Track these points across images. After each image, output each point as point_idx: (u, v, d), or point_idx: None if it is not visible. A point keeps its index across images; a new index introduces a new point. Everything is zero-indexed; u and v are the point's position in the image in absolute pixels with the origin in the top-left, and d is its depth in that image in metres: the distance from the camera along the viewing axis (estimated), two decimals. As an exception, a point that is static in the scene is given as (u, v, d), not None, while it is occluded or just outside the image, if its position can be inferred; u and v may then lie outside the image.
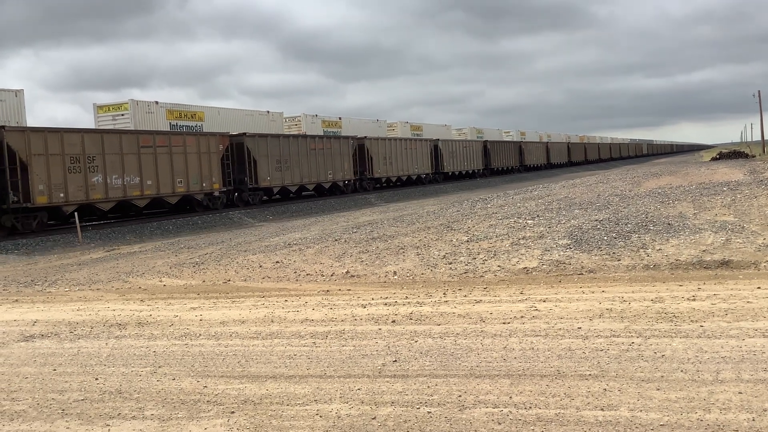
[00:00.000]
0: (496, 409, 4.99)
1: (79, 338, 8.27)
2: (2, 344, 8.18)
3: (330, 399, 5.45)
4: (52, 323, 9.26)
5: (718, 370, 5.52)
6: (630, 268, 10.26)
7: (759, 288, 8.41)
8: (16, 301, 11.51)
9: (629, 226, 12.53)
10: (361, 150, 41.32)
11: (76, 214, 23.70)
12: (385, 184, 45.52)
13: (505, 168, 65.19)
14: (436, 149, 51.73)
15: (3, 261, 19.79)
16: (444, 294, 9.51)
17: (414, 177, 48.54)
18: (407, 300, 9.24)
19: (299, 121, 40.30)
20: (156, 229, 26.55)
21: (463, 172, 56.64)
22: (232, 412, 5.30)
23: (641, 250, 10.90)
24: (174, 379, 6.26)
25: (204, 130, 33.62)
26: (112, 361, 7.06)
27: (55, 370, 6.87)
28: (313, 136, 37.98)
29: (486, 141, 63.11)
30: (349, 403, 5.33)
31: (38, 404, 5.80)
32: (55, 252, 21.35)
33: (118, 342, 7.93)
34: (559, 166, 78.84)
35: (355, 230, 16.13)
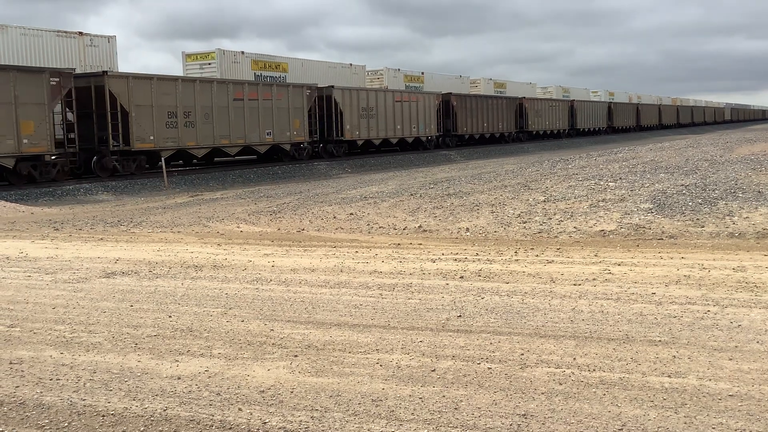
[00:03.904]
0: (558, 370, 4.90)
1: (157, 277, 8.56)
2: (85, 279, 8.56)
3: (392, 349, 5.47)
4: (133, 262, 9.62)
5: (798, 344, 5.26)
6: (713, 235, 9.86)
7: None
8: (102, 239, 12.00)
9: (716, 192, 12.01)
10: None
11: (163, 159, 24.52)
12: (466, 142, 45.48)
13: (591, 129, 63.99)
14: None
15: (94, 202, 20.68)
16: (515, 252, 9.38)
17: (497, 135, 48.24)
18: (477, 257, 9.16)
19: (381, 75, 40.17)
20: (238, 177, 27.16)
21: (548, 132, 55.99)
22: (296, 356, 5.39)
23: (727, 218, 10.45)
24: (243, 321, 6.42)
25: (288, 81, 34.07)
26: (186, 301, 7.28)
27: (131, 306, 7.15)
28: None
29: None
30: (410, 354, 5.34)
31: (113, 337, 6.05)
32: (142, 195, 22.15)
33: (193, 283, 8.18)
34: (649, 129, 76.51)
35: (431, 186, 16.05)
